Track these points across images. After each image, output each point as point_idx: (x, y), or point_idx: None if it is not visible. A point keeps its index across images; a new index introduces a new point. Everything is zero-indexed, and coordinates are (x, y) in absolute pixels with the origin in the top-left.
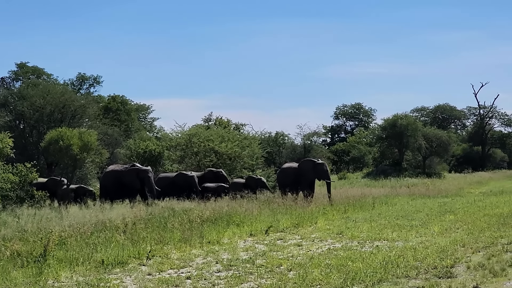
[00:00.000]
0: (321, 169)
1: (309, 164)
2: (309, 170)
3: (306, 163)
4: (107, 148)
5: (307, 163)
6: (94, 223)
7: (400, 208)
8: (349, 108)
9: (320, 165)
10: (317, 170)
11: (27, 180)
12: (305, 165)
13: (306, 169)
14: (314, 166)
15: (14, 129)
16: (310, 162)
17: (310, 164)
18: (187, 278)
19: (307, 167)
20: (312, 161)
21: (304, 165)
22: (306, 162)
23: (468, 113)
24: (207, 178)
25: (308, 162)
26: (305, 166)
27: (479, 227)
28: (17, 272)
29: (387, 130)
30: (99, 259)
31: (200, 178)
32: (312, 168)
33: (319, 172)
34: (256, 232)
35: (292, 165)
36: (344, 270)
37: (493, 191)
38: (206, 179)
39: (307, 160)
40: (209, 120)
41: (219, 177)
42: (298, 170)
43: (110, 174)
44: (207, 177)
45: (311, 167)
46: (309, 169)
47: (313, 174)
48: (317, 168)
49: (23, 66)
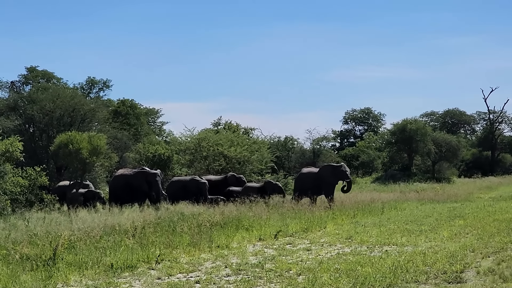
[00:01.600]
0: (340, 171)
1: (329, 169)
2: (329, 175)
3: (326, 168)
4: (117, 152)
5: (326, 168)
6: (103, 227)
7: (409, 213)
8: (358, 113)
9: (339, 167)
10: (337, 172)
11: (36, 184)
12: (325, 170)
13: (326, 174)
14: (334, 169)
15: (24, 133)
16: (329, 166)
17: (330, 168)
18: (196, 282)
19: (327, 172)
20: (331, 165)
21: (324, 170)
22: (326, 167)
23: (477, 118)
24: (230, 182)
25: (327, 167)
26: (325, 171)
27: (488, 232)
28: (26, 275)
29: (397, 135)
30: (108, 263)
31: (222, 182)
32: (332, 171)
33: (338, 174)
34: (265, 237)
35: (312, 169)
36: (353, 274)
37: (503, 196)
38: (229, 183)
39: (327, 165)
40: (218, 124)
41: (240, 182)
42: (318, 175)
43: (119, 178)
44: (231, 181)
45: (330, 171)
46: (329, 173)
47: (334, 177)
48: (336, 171)
49: (33, 70)
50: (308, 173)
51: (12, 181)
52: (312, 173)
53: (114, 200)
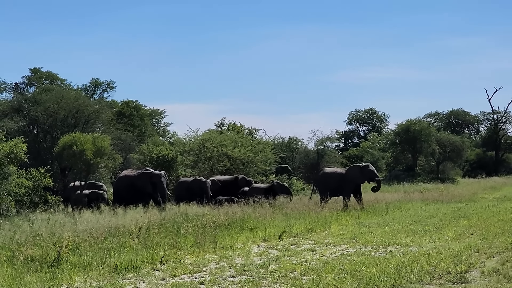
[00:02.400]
0: (369, 171)
1: (356, 169)
2: (358, 175)
3: (354, 168)
4: (121, 153)
5: (354, 169)
6: (107, 228)
7: (414, 213)
8: (362, 113)
9: (366, 167)
10: (365, 172)
11: (40, 185)
12: (353, 171)
13: (355, 174)
14: (361, 169)
15: (28, 134)
16: (357, 167)
17: (357, 168)
18: (201, 283)
19: (355, 172)
20: (358, 165)
21: (352, 170)
22: (353, 167)
23: (481, 118)
24: (241, 184)
25: (355, 168)
26: (353, 171)
27: (493, 233)
28: (31, 276)
29: (401, 135)
30: (113, 264)
31: (232, 182)
32: (359, 172)
33: (367, 174)
34: (269, 237)
35: (336, 170)
36: (357, 275)
37: (507, 197)
38: (240, 185)
39: (354, 166)
40: (222, 125)
41: (249, 183)
42: (344, 175)
43: (123, 179)
44: (241, 184)
45: (358, 172)
46: (357, 173)
47: (362, 177)
48: (364, 171)
49: (36, 71)
50: (332, 173)
51: (16, 183)
52: (337, 173)
53: (118, 201)
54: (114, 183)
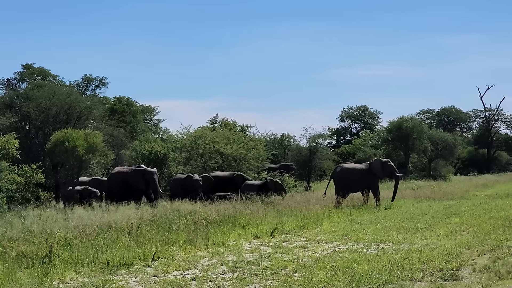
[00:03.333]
0: (389, 166)
1: (378, 164)
2: (379, 170)
3: (376, 163)
4: (113, 150)
5: (376, 163)
6: (99, 224)
7: (406, 210)
8: (355, 111)
9: (387, 162)
10: (386, 167)
11: (32, 181)
12: (375, 165)
13: (376, 168)
14: (382, 164)
15: (20, 130)
16: (379, 161)
17: (379, 163)
18: (192, 280)
19: (377, 166)
20: (380, 160)
21: (375, 164)
22: (376, 162)
23: (473, 116)
24: (237, 182)
25: (377, 162)
26: (375, 166)
27: (484, 230)
28: (22, 273)
29: (393, 133)
30: (104, 261)
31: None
32: (381, 166)
33: (388, 168)
34: (261, 234)
35: (355, 165)
36: (349, 272)
37: (499, 194)
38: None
39: (377, 160)
40: (215, 122)
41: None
42: (367, 170)
43: (116, 175)
44: (238, 181)
45: (380, 166)
46: (378, 168)
47: (383, 172)
48: (385, 166)
49: (28, 67)
50: (353, 169)
51: (8, 179)
52: (358, 168)
53: (111, 197)
54: (107, 180)
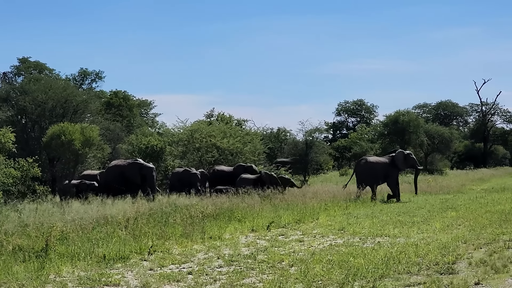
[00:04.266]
0: (411, 158)
1: (401, 156)
2: (401, 162)
3: (399, 155)
4: (109, 144)
5: (399, 155)
6: (95, 218)
7: (402, 204)
8: (351, 105)
9: (410, 154)
10: (408, 159)
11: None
12: (398, 157)
13: (399, 160)
14: (405, 156)
15: (16, 124)
16: (402, 153)
17: (402, 155)
18: (189, 273)
19: (399, 158)
20: (403, 152)
21: (397, 157)
22: (398, 154)
23: (470, 110)
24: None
25: (400, 154)
26: (398, 158)
27: (480, 224)
28: (18, 266)
29: (389, 127)
30: (101, 254)
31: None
32: (404, 158)
33: (410, 161)
34: (257, 228)
35: (378, 158)
36: (345, 266)
37: (495, 188)
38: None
39: (400, 152)
40: (211, 116)
41: (249, 171)
42: (390, 163)
43: (112, 169)
44: (237, 172)
45: (402, 158)
46: (401, 160)
47: (405, 164)
48: (407, 158)
49: (25, 61)
50: (377, 162)
51: (4, 172)
52: (382, 161)
53: (107, 191)
54: (104, 174)
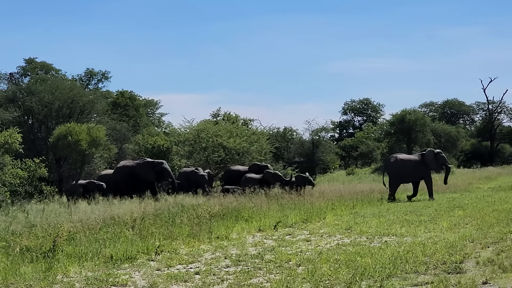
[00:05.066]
0: (441, 157)
1: (431, 154)
2: (431, 160)
3: (429, 153)
4: (116, 144)
5: (430, 154)
6: (102, 218)
7: (409, 203)
8: (357, 104)
9: (439, 153)
10: (439, 158)
11: (35, 175)
12: (428, 156)
13: (429, 159)
14: (435, 155)
15: (23, 125)
16: (432, 152)
17: (432, 154)
18: (196, 274)
19: (429, 157)
20: (433, 150)
21: (427, 156)
22: (429, 153)
23: (476, 108)
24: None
25: (430, 153)
26: (428, 156)
27: (488, 223)
28: (26, 267)
29: (396, 126)
30: (108, 254)
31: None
32: (434, 157)
33: (440, 159)
34: (264, 228)
35: (409, 156)
36: (353, 265)
37: (502, 187)
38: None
39: (430, 151)
40: (218, 116)
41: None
42: (420, 161)
43: (122, 170)
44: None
45: (433, 157)
46: (431, 159)
47: (435, 163)
48: (437, 157)
49: (31, 61)
50: (408, 160)
51: (11, 173)
52: (412, 159)
53: (116, 191)
54: (112, 174)
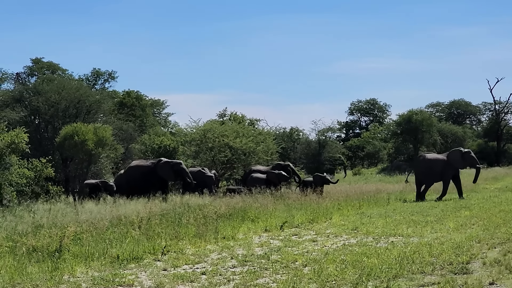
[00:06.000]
0: (469, 156)
1: (457, 154)
2: (458, 160)
3: (455, 153)
4: (122, 144)
5: (455, 153)
6: (109, 218)
7: (415, 204)
8: (364, 104)
9: (468, 153)
10: (466, 157)
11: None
12: (454, 155)
13: (455, 159)
14: (462, 154)
15: (29, 125)
16: (458, 151)
17: (458, 153)
18: (202, 274)
19: (456, 157)
20: (460, 150)
21: (453, 155)
22: (454, 152)
23: (483, 109)
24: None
25: (456, 152)
26: (454, 156)
27: (494, 223)
28: (33, 267)
29: (402, 126)
30: (114, 255)
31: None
32: (461, 157)
33: (468, 159)
34: (271, 228)
35: (437, 155)
36: (359, 265)
37: (509, 187)
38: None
39: (455, 150)
40: (224, 116)
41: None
42: (446, 160)
43: (136, 169)
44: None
45: (459, 156)
46: (457, 158)
47: (462, 162)
48: (465, 156)
49: (38, 61)
50: (436, 159)
51: (18, 173)
52: (440, 159)
53: (128, 191)
54: (123, 174)
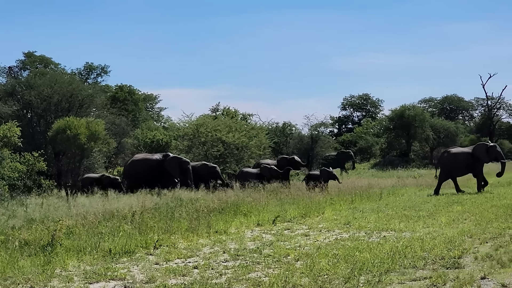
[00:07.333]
0: (495, 151)
1: (483, 148)
2: (482, 154)
3: (480, 147)
4: (115, 138)
5: (480, 147)
6: (101, 212)
7: (408, 198)
8: (357, 99)
9: (493, 147)
10: (491, 151)
11: (34, 169)
12: (479, 149)
13: (480, 152)
14: (487, 148)
15: (22, 118)
16: (483, 145)
17: (483, 147)
18: (194, 268)
19: (480, 150)
20: (485, 144)
21: (478, 149)
22: (479, 146)
23: (476, 104)
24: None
25: (481, 146)
26: (479, 150)
27: (486, 218)
28: (25, 261)
29: (395, 121)
30: (107, 248)
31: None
32: (486, 151)
33: (493, 153)
34: (263, 222)
35: (462, 149)
36: (351, 260)
37: (501, 182)
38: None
39: (481, 144)
40: (217, 110)
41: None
42: (471, 154)
43: (141, 162)
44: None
45: (484, 150)
46: (482, 152)
47: (487, 156)
48: (490, 151)
49: (30, 55)
50: (461, 153)
51: (10, 167)
52: (465, 152)
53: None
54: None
